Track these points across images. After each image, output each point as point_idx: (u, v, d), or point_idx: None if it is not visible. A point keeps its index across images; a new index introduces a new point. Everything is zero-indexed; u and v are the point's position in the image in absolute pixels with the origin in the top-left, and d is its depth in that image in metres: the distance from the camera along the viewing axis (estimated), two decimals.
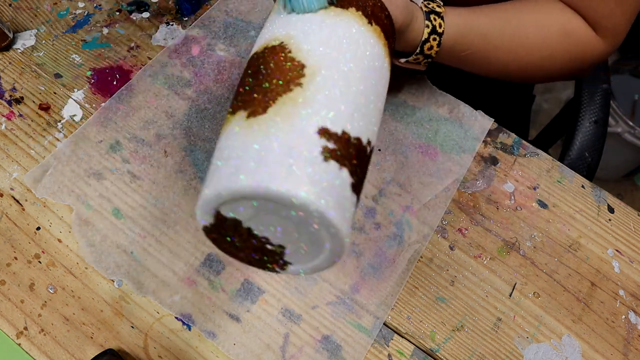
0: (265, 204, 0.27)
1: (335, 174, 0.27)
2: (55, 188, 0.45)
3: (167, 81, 0.51)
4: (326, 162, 0.27)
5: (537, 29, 0.46)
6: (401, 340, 0.42)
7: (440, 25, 0.43)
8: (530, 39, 0.46)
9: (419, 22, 0.42)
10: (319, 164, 0.27)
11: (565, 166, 0.52)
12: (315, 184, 0.26)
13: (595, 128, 0.64)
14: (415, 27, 0.42)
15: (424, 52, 0.43)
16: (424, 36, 0.42)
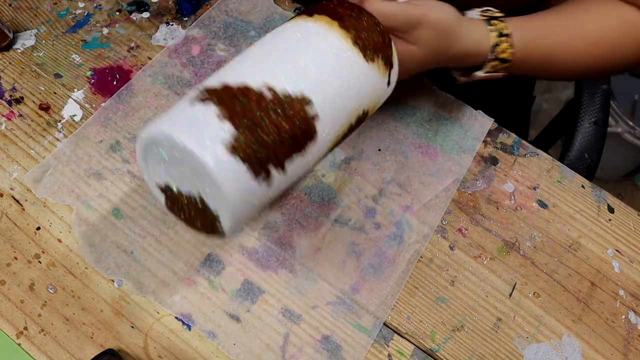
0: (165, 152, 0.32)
1: (199, 110, 0.31)
2: (55, 188, 0.45)
3: (167, 81, 0.51)
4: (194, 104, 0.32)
5: (597, 23, 0.46)
6: (401, 340, 0.42)
7: (505, 27, 0.43)
8: (592, 33, 0.46)
9: (477, 27, 0.43)
10: (188, 107, 0.32)
11: (565, 166, 0.52)
12: (175, 122, 0.31)
13: (595, 128, 0.64)
14: (474, 31, 0.42)
15: (498, 57, 0.43)
16: (493, 41, 0.43)
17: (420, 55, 0.41)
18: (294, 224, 0.46)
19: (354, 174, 0.49)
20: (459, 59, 0.44)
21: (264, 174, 0.32)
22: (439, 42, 0.41)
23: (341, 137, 0.38)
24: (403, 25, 0.39)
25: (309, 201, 0.47)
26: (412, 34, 0.40)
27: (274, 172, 0.33)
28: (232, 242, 0.44)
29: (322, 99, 0.35)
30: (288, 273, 0.44)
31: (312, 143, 0.35)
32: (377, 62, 0.38)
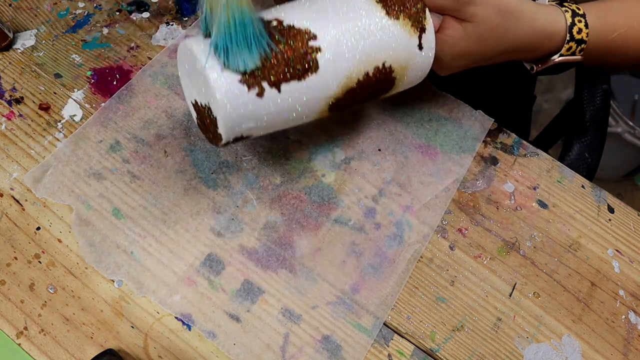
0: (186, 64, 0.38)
1: None
2: (55, 188, 0.45)
3: (167, 81, 0.51)
4: None
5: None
6: (401, 340, 0.42)
7: (579, 8, 0.42)
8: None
9: (553, 11, 0.41)
10: None
11: (565, 166, 0.52)
12: (194, 36, 0.37)
13: (595, 128, 0.64)
14: (551, 16, 0.41)
15: (575, 38, 0.42)
16: (569, 20, 0.41)
17: (476, 33, 0.40)
18: (294, 224, 0.46)
19: (354, 174, 0.49)
20: (528, 42, 0.42)
21: (257, 88, 0.36)
22: (498, 20, 0.39)
23: (355, 84, 0.40)
24: (454, 3, 0.39)
25: (309, 201, 0.47)
26: (466, 11, 0.39)
27: (267, 89, 0.36)
28: (232, 242, 0.44)
29: (330, 38, 0.37)
30: (288, 273, 0.44)
31: (313, 75, 0.37)
32: (402, 20, 0.39)
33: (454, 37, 0.40)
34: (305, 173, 0.48)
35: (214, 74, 0.35)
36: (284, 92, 0.37)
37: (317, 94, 0.39)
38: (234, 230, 0.45)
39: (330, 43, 0.37)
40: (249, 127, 0.38)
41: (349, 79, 0.39)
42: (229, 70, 0.35)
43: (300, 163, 0.49)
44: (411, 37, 0.40)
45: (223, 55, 0.35)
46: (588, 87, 0.66)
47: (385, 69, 0.40)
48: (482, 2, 0.39)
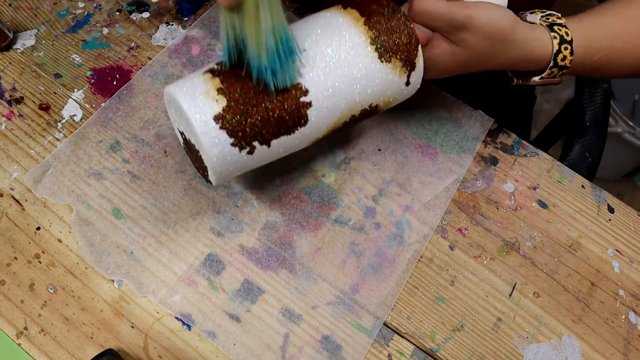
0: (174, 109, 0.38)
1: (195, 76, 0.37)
2: (55, 188, 0.45)
3: (167, 81, 0.51)
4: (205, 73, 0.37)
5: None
6: (401, 340, 0.42)
7: (567, 33, 0.42)
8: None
9: (538, 34, 0.42)
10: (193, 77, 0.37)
11: (565, 166, 0.52)
12: (180, 84, 0.37)
13: (595, 128, 0.64)
14: (533, 38, 0.41)
15: (558, 64, 0.43)
16: (555, 47, 0.42)
17: (463, 57, 0.41)
18: (294, 224, 0.46)
19: (354, 174, 0.49)
20: (513, 64, 0.43)
21: (248, 148, 0.37)
22: (487, 47, 0.40)
23: (341, 124, 0.40)
24: (447, 27, 0.39)
25: (309, 201, 0.47)
26: (457, 35, 0.39)
27: (258, 147, 0.37)
28: (232, 242, 0.44)
29: (321, 90, 0.37)
30: (288, 273, 0.44)
31: (302, 127, 0.38)
32: (394, 62, 0.39)
33: (441, 57, 0.41)
34: (305, 173, 0.48)
35: (207, 139, 0.35)
36: (273, 145, 0.38)
37: (305, 141, 0.40)
38: (234, 230, 0.45)
39: (321, 97, 0.37)
40: (237, 173, 0.39)
41: (336, 124, 0.40)
42: (222, 134, 0.35)
43: (300, 163, 0.48)
44: (401, 77, 0.40)
45: (272, 78, 0.35)
46: (588, 86, 0.66)
47: (372, 108, 0.41)
48: (474, 29, 0.39)
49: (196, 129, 0.35)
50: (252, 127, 0.36)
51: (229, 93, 0.36)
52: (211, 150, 0.35)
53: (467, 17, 0.38)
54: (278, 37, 0.34)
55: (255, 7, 0.33)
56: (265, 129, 0.36)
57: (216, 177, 0.38)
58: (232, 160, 0.37)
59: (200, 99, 0.35)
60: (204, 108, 0.35)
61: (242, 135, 0.36)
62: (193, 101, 0.35)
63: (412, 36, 0.39)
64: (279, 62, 0.35)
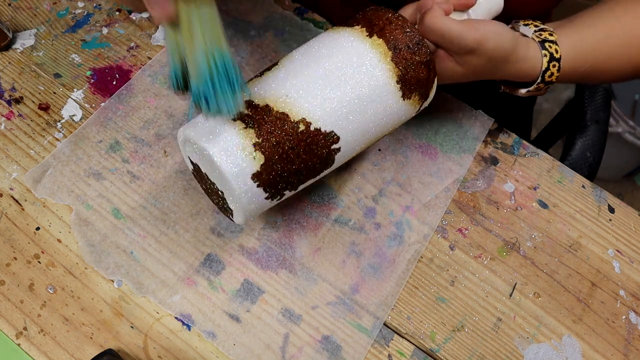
0: (199, 155, 0.36)
1: (226, 124, 0.34)
2: (54, 188, 0.45)
3: (167, 81, 0.51)
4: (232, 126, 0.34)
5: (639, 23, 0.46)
6: (401, 340, 0.42)
7: (557, 50, 0.43)
8: (636, 35, 0.46)
9: (532, 52, 0.43)
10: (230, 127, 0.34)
11: (566, 166, 0.52)
12: (201, 128, 0.35)
13: (596, 127, 0.64)
14: (529, 57, 0.43)
15: (545, 80, 0.44)
16: (544, 65, 0.43)
17: (462, 74, 0.42)
18: (294, 224, 0.46)
19: (354, 174, 0.49)
20: (505, 78, 0.44)
21: (279, 197, 0.37)
22: (487, 67, 0.41)
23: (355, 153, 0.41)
24: (457, 49, 0.40)
25: (309, 201, 0.47)
26: (463, 58, 0.40)
27: (287, 194, 0.38)
28: (232, 242, 0.44)
29: (349, 134, 0.37)
30: (288, 273, 0.44)
31: (327, 169, 0.39)
32: (413, 98, 0.39)
33: (441, 73, 0.42)
34: None
35: (243, 198, 0.35)
36: (299, 189, 0.39)
37: (324, 176, 0.41)
38: (234, 230, 0.45)
39: (349, 141, 0.38)
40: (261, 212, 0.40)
41: (351, 157, 0.41)
42: (258, 192, 0.35)
43: None
44: (415, 108, 0.40)
45: (205, 104, 0.33)
46: (589, 86, 0.66)
47: (382, 138, 0.42)
48: (481, 54, 0.40)
49: (234, 186, 0.34)
50: (287, 182, 0.36)
51: (266, 148, 0.34)
52: (248, 206, 0.36)
53: (477, 42, 0.39)
54: (212, 61, 0.32)
55: (188, 25, 0.31)
56: (297, 180, 0.37)
57: (243, 221, 0.38)
58: (260, 207, 0.37)
59: (237, 154, 0.34)
60: (241, 164, 0.34)
61: (277, 190, 0.37)
62: (229, 157, 0.34)
63: (432, 70, 0.39)
64: (211, 88, 0.32)
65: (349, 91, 0.36)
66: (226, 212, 0.39)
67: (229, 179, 0.34)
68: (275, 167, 0.35)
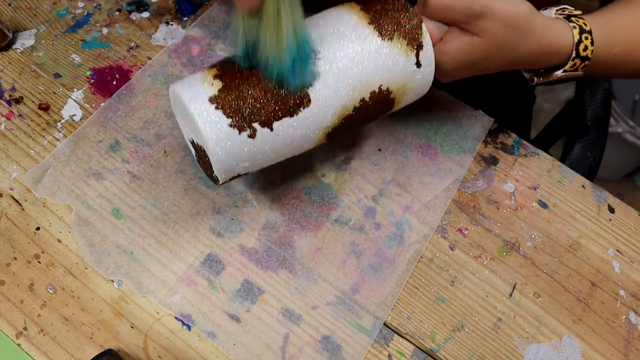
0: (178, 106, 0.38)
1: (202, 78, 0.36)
2: (54, 188, 0.45)
3: (166, 81, 0.51)
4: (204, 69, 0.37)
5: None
6: (401, 340, 0.42)
7: (585, 24, 0.41)
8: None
9: (558, 24, 0.41)
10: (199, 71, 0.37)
11: (566, 166, 0.52)
12: (184, 80, 0.37)
13: (596, 127, 0.64)
14: (555, 27, 0.41)
15: (580, 55, 0.42)
16: (576, 37, 0.41)
17: (483, 47, 0.39)
18: (294, 224, 0.46)
19: (354, 174, 0.49)
20: (534, 57, 0.42)
21: (249, 130, 0.36)
22: (508, 35, 0.39)
23: (352, 110, 0.39)
24: (464, 17, 0.38)
25: (309, 201, 0.47)
26: (475, 24, 0.38)
27: (259, 129, 0.36)
28: (232, 242, 0.44)
29: (322, 68, 0.37)
30: (288, 273, 0.44)
31: (305, 109, 0.37)
32: (397, 40, 0.38)
33: (460, 49, 0.40)
34: (305, 173, 0.48)
35: (204, 121, 0.35)
36: (276, 130, 0.36)
37: (312, 127, 0.38)
38: (234, 230, 0.45)
39: (323, 75, 0.37)
40: (244, 167, 0.38)
41: (345, 108, 0.38)
42: (218, 115, 0.35)
43: (300, 163, 0.48)
44: (408, 56, 0.39)
45: (292, 80, 0.35)
46: (589, 86, 0.66)
47: (382, 91, 0.39)
48: (493, 17, 0.38)
49: (192, 111, 0.35)
50: (250, 106, 0.35)
51: (225, 77, 0.36)
52: (209, 132, 0.35)
53: (485, 5, 0.38)
54: (299, 40, 0.34)
55: (276, 11, 0.33)
56: (264, 108, 0.36)
57: (220, 166, 0.36)
58: (234, 146, 0.36)
59: (197, 85, 0.36)
60: (199, 91, 0.35)
61: (240, 115, 0.35)
62: (189, 88, 0.36)
63: (413, 15, 0.39)
64: (298, 65, 0.35)
65: (319, 33, 0.37)
66: (214, 178, 0.38)
67: (188, 105, 0.35)
68: (233, 89, 0.35)
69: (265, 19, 0.33)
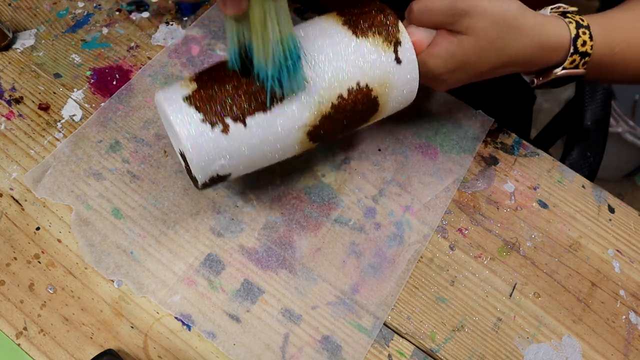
0: (162, 116, 0.39)
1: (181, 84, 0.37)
2: (54, 188, 0.45)
3: (167, 81, 0.51)
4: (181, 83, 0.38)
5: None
6: (401, 340, 0.42)
7: (582, 19, 0.41)
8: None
9: (556, 21, 0.40)
10: (177, 84, 0.38)
11: (566, 166, 0.52)
12: (164, 88, 0.38)
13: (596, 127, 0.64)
14: (554, 27, 0.40)
15: (579, 50, 0.40)
16: (573, 32, 0.40)
17: (473, 46, 0.39)
18: (294, 224, 0.46)
19: (354, 174, 0.49)
20: (530, 55, 0.40)
21: (221, 126, 0.36)
22: (496, 32, 0.38)
23: (330, 106, 0.38)
24: (450, 17, 0.38)
25: (309, 201, 0.47)
26: (461, 23, 0.38)
27: (232, 125, 0.36)
28: (232, 242, 0.44)
29: None
30: (288, 273, 0.44)
31: (278, 104, 0.37)
32: (373, 37, 0.38)
33: (449, 51, 0.39)
34: (305, 173, 0.48)
35: (176, 119, 0.35)
36: (250, 125, 0.36)
37: (288, 124, 0.37)
38: (234, 230, 0.45)
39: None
40: (221, 165, 0.37)
41: (321, 105, 0.38)
42: (191, 112, 0.35)
43: (300, 163, 0.48)
44: (385, 53, 0.38)
45: (279, 88, 0.35)
46: (589, 86, 0.66)
47: (361, 89, 0.38)
48: (479, 14, 0.38)
49: (166, 109, 0.35)
50: (222, 102, 0.36)
51: (201, 79, 0.37)
52: (182, 128, 0.35)
53: (469, 4, 0.37)
54: (286, 47, 0.34)
55: (262, 19, 0.33)
56: (235, 103, 0.36)
57: (195, 163, 0.36)
58: (207, 142, 0.35)
59: (175, 88, 0.37)
60: (175, 93, 0.36)
61: (212, 110, 0.35)
62: (166, 91, 0.37)
63: (388, 14, 0.39)
64: (286, 73, 0.35)
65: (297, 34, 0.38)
66: (195, 181, 0.38)
67: (163, 105, 0.36)
68: (206, 88, 0.36)
69: (252, 25, 0.33)
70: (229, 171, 0.38)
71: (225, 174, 0.38)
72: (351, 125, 0.41)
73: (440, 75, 0.41)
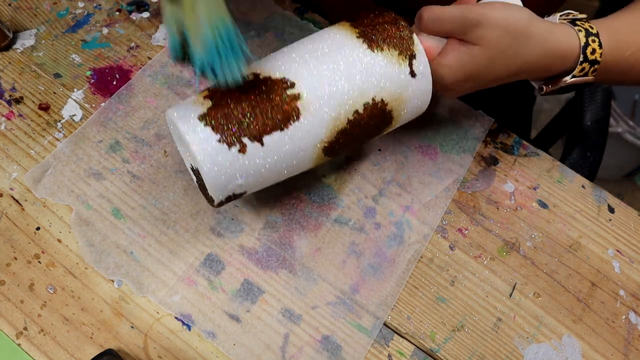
0: (174, 132, 0.39)
1: (194, 100, 0.37)
2: (55, 188, 0.45)
3: (167, 81, 0.51)
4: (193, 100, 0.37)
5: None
6: (401, 340, 0.42)
7: (591, 27, 0.40)
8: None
9: (561, 28, 0.40)
10: (190, 101, 0.37)
11: (566, 166, 0.52)
12: (178, 104, 0.38)
13: (596, 127, 0.64)
14: (557, 31, 0.40)
15: (588, 59, 0.40)
16: (582, 40, 0.40)
17: (483, 56, 0.38)
18: (294, 224, 0.46)
19: (354, 174, 0.49)
20: (539, 64, 0.40)
21: (238, 145, 0.35)
22: (508, 42, 0.38)
23: (346, 124, 0.38)
24: (460, 27, 0.38)
25: (309, 201, 0.47)
26: (472, 33, 0.38)
27: (249, 144, 0.36)
28: (232, 242, 0.44)
29: (309, 81, 0.37)
30: (288, 273, 0.44)
31: (295, 122, 0.37)
32: (388, 51, 0.38)
33: (459, 60, 0.39)
34: (305, 173, 0.48)
35: (193, 139, 0.35)
36: (267, 144, 0.36)
37: (305, 141, 0.37)
38: (234, 230, 0.45)
39: (309, 88, 0.36)
40: (238, 184, 0.37)
41: (337, 120, 0.38)
42: (207, 132, 0.35)
43: None
44: (400, 66, 0.38)
45: (211, 73, 0.34)
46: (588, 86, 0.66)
47: (376, 103, 0.38)
48: (490, 25, 0.37)
49: (182, 129, 0.35)
50: (238, 121, 0.35)
51: (215, 96, 0.36)
52: (198, 148, 0.34)
53: (480, 14, 0.37)
54: (216, 32, 0.33)
55: (192, 2, 0.32)
56: (252, 123, 0.35)
57: (211, 183, 0.36)
58: (224, 162, 0.35)
59: (188, 106, 0.36)
60: (189, 111, 0.36)
61: (228, 130, 0.35)
62: (180, 108, 0.36)
63: (403, 28, 0.39)
64: (218, 57, 0.34)
65: (307, 47, 0.38)
66: (209, 199, 0.38)
67: (178, 124, 0.35)
68: (221, 106, 0.35)
69: (185, 7, 0.33)
70: (245, 189, 0.38)
71: (241, 192, 0.39)
72: (365, 138, 0.41)
73: (451, 84, 0.41)
